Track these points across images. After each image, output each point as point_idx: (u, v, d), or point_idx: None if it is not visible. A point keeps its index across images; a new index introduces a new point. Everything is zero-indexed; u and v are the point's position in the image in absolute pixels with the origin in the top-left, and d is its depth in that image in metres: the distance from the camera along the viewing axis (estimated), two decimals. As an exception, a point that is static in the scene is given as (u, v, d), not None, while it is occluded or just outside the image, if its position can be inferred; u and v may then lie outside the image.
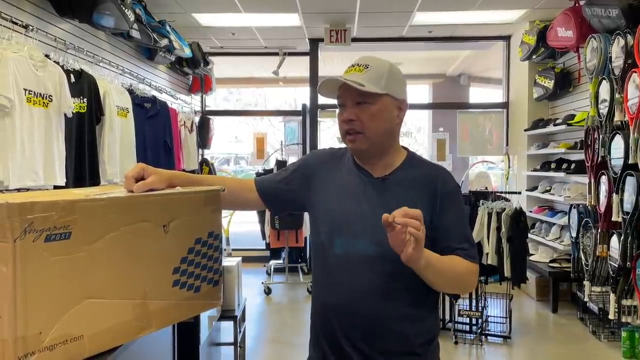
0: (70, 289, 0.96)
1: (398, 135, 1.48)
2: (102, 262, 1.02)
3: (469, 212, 4.29)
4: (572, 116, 5.06)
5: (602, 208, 4.03)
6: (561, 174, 5.13)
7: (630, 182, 3.61)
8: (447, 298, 4.44)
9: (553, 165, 5.37)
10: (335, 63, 7.83)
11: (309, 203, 1.51)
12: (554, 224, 5.42)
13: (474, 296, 4.38)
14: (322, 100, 6.93)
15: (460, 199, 1.48)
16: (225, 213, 5.97)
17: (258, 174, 6.36)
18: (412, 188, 1.41)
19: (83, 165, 3.50)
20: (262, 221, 6.51)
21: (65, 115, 3.22)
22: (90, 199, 1.00)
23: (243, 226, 8.13)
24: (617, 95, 3.84)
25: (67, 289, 0.96)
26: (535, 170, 5.82)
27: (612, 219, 3.83)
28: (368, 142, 1.40)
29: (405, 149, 1.51)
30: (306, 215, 3.73)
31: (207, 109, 7.41)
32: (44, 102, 3.01)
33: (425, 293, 1.40)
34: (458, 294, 4.16)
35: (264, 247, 6.89)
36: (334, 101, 1.46)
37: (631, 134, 3.56)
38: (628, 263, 3.65)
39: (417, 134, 14.30)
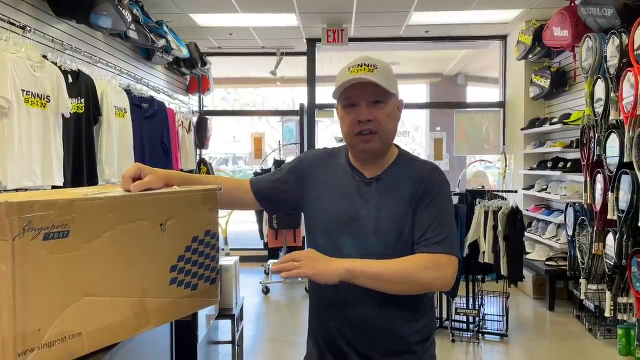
0: (69, 286, 0.98)
1: None
2: (100, 260, 1.03)
3: (465, 211, 4.30)
4: (568, 115, 5.09)
5: (598, 206, 4.05)
6: (557, 173, 5.16)
7: (625, 181, 3.63)
8: (444, 297, 4.46)
9: (549, 164, 5.39)
10: (332, 63, 7.84)
11: (303, 203, 1.52)
12: (550, 222, 5.45)
13: (470, 295, 4.40)
14: (319, 100, 6.95)
15: (440, 192, 1.40)
16: (223, 213, 5.98)
17: (256, 174, 6.37)
18: (403, 186, 1.42)
19: (81, 165, 3.51)
20: (259, 221, 6.52)
21: (62, 115, 3.23)
22: (88, 198, 1.02)
23: (241, 226, 8.14)
24: (612, 94, 3.86)
25: (65, 286, 0.97)
26: (531, 169, 5.84)
27: (608, 217, 3.85)
28: (381, 142, 1.40)
29: (396, 146, 1.51)
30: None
31: (204, 109, 7.42)
32: (41, 103, 3.02)
33: (420, 292, 1.41)
34: (453, 291, 4.19)
35: (262, 247, 6.90)
36: (332, 101, 1.46)
37: (626, 133, 3.57)
38: (623, 261, 3.68)
39: (414, 133, 14.35)
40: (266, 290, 5.86)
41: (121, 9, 3.75)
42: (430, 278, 1.31)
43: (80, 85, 3.53)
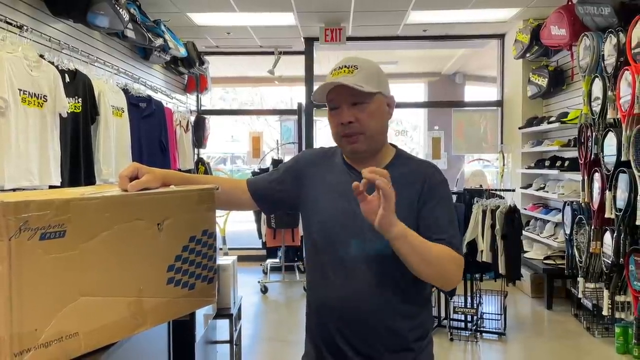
0: (65, 286, 0.97)
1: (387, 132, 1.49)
2: (96, 260, 1.03)
3: (463, 210, 4.31)
4: (566, 114, 5.09)
5: (596, 205, 4.06)
6: (555, 172, 5.17)
7: (623, 179, 3.64)
8: (442, 295, 4.47)
9: (547, 163, 5.40)
10: (330, 62, 7.84)
11: (301, 202, 1.52)
12: (548, 221, 5.45)
13: (469, 293, 4.40)
14: (317, 99, 6.94)
15: (445, 193, 1.43)
16: (221, 212, 5.98)
17: (254, 173, 6.36)
18: (401, 185, 1.41)
19: (78, 165, 3.51)
20: (258, 220, 6.52)
21: (60, 115, 3.22)
22: (84, 198, 1.01)
23: (239, 225, 8.14)
24: (609, 93, 3.87)
25: (62, 286, 0.97)
26: (529, 167, 5.85)
27: (605, 215, 3.86)
28: (367, 141, 1.40)
29: (394, 146, 1.51)
30: (301, 214, 3.72)
31: (202, 108, 7.42)
32: (38, 102, 3.02)
33: (418, 290, 1.41)
34: (452, 290, 4.19)
35: (261, 246, 6.91)
36: None
37: (624, 131, 3.58)
38: (621, 259, 3.69)
39: (412, 132, 14.34)
40: (264, 290, 5.86)
41: (118, 8, 3.75)
42: (452, 273, 1.33)
43: (77, 84, 3.52)
